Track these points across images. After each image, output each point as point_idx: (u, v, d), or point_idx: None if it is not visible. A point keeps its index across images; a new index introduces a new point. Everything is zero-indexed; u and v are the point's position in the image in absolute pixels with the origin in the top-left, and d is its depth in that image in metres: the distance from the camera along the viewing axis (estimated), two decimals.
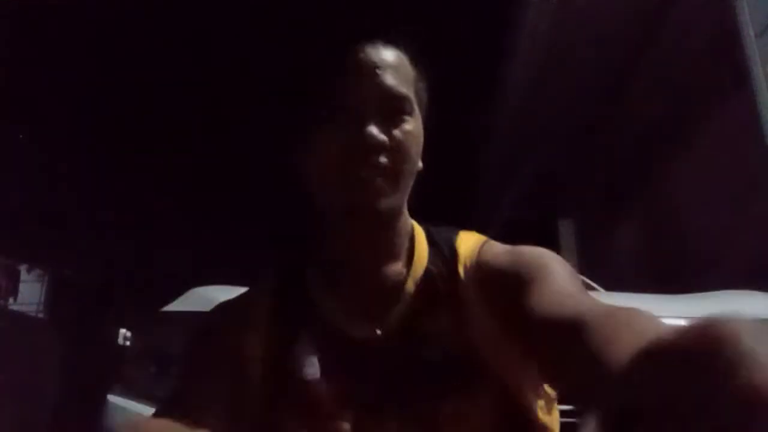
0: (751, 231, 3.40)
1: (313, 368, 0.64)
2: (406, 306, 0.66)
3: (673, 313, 1.20)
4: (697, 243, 4.17)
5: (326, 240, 0.71)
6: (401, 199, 0.66)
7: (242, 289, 1.46)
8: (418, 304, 0.66)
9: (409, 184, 0.66)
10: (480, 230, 0.75)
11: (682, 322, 1.20)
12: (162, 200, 7.16)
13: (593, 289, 2.40)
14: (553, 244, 6.80)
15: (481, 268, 0.66)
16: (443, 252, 0.69)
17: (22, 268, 8.33)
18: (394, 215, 0.67)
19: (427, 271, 0.68)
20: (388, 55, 0.65)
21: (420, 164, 0.68)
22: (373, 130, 0.61)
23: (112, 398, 1.29)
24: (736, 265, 3.35)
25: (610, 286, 2.34)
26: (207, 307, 1.35)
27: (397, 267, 0.68)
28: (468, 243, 0.70)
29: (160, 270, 7.84)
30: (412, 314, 0.65)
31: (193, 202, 7.28)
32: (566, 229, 6.97)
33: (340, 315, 0.67)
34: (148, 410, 1.21)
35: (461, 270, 0.67)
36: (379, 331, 0.65)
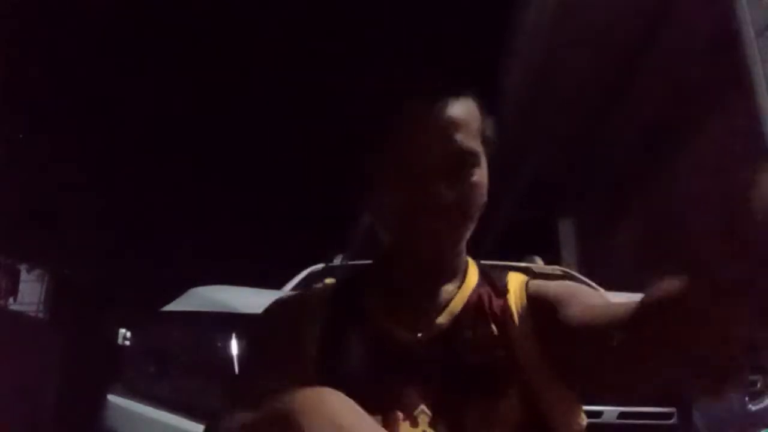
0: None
1: (359, 366, 0.68)
2: (451, 317, 0.70)
3: None
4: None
5: (387, 266, 0.75)
6: (465, 237, 0.70)
7: (242, 289, 1.46)
8: (462, 317, 0.70)
9: (473, 224, 0.69)
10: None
11: None
12: (162, 200, 7.16)
13: (592, 289, 2.39)
14: (553, 244, 6.82)
15: (529, 294, 0.72)
16: (494, 281, 0.75)
17: (22, 268, 8.33)
18: (455, 254, 0.73)
19: (476, 292, 0.73)
20: (455, 109, 0.66)
21: (485, 199, 0.71)
22: (441, 188, 0.64)
23: (111, 398, 1.29)
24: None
25: (610, 286, 2.34)
26: (207, 307, 1.35)
27: (449, 287, 0.73)
28: (518, 278, 0.76)
29: (160, 270, 7.84)
30: (455, 325, 0.70)
31: (194, 202, 7.28)
32: (566, 229, 6.97)
33: (387, 322, 0.71)
34: (148, 410, 1.21)
35: (511, 295, 0.72)
36: (420, 335, 0.69)
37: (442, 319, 0.70)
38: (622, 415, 1.03)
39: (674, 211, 4.70)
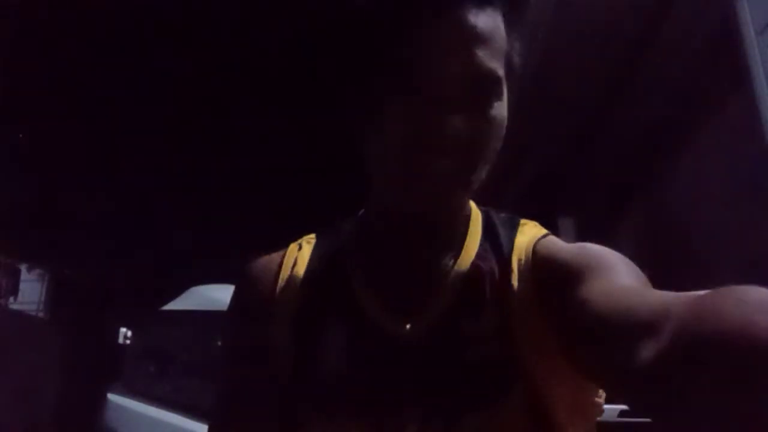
0: (751, 231, 3.40)
1: (340, 360, 0.59)
2: (445, 303, 0.59)
3: None
4: (697, 243, 4.17)
5: (375, 227, 0.65)
6: (478, 181, 0.57)
7: None
8: (458, 302, 0.59)
9: (483, 175, 0.57)
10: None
11: None
12: (162, 200, 7.16)
13: None
14: None
15: (536, 262, 0.59)
16: (500, 244, 0.62)
17: (23, 268, 8.33)
18: (458, 208, 0.62)
19: (474, 266, 0.61)
20: (481, 20, 0.52)
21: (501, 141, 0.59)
22: (455, 119, 0.51)
23: (111, 396, 1.29)
24: (736, 265, 3.35)
25: None
26: (207, 307, 1.35)
27: (445, 258, 0.62)
28: (526, 235, 0.63)
29: (160, 270, 7.83)
30: (449, 313, 0.59)
31: (194, 202, 7.28)
32: (566, 228, 6.96)
33: (375, 307, 0.60)
34: (148, 408, 1.21)
35: (515, 265, 0.60)
36: (408, 326, 0.59)
37: (434, 304, 0.59)
38: (622, 414, 1.03)
39: (674, 211, 4.71)
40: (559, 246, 0.61)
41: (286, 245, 0.72)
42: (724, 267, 3.49)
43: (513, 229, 0.64)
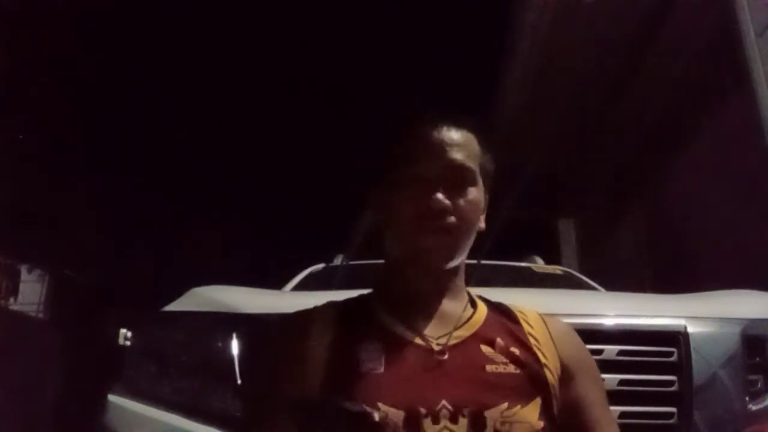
0: (750, 231, 3.40)
1: (375, 362, 0.71)
2: (471, 331, 0.76)
3: (672, 312, 1.20)
4: (697, 243, 4.18)
5: (392, 278, 0.82)
6: (461, 252, 0.78)
7: (242, 289, 1.46)
8: (482, 333, 0.77)
9: (469, 241, 0.79)
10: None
11: (682, 322, 1.19)
12: (163, 201, 7.16)
13: (593, 288, 2.39)
14: (553, 244, 6.82)
15: (553, 338, 0.79)
16: (502, 309, 0.82)
17: (23, 268, 8.33)
18: (455, 267, 0.79)
19: (491, 316, 0.80)
20: (456, 134, 0.78)
21: (482, 225, 0.82)
22: (440, 196, 0.74)
23: (112, 398, 1.29)
24: (736, 265, 3.35)
25: (610, 285, 2.34)
26: (207, 307, 1.35)
27: (461, 305, 0.80)
28: (526, 310, 0.84)
29: (160, 270, 7.83)
30: (475, 338, 0.76)
31: (194, 203, 7.28)
32: (566, 229, 6.97)
33: (403, 329, 0.76)
34: (148, 410, 1.21)
35: (534, 329, 0.80)
36: (437, 343, 0.74)
37: (462, 332, 0.76)
38: (622, 415, 1.03)
39: (674, 211, 4.70)
40: (570, 338, 0.82)
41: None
42: (724, 267, 3.49)
43: (504, 303, 0.84)
